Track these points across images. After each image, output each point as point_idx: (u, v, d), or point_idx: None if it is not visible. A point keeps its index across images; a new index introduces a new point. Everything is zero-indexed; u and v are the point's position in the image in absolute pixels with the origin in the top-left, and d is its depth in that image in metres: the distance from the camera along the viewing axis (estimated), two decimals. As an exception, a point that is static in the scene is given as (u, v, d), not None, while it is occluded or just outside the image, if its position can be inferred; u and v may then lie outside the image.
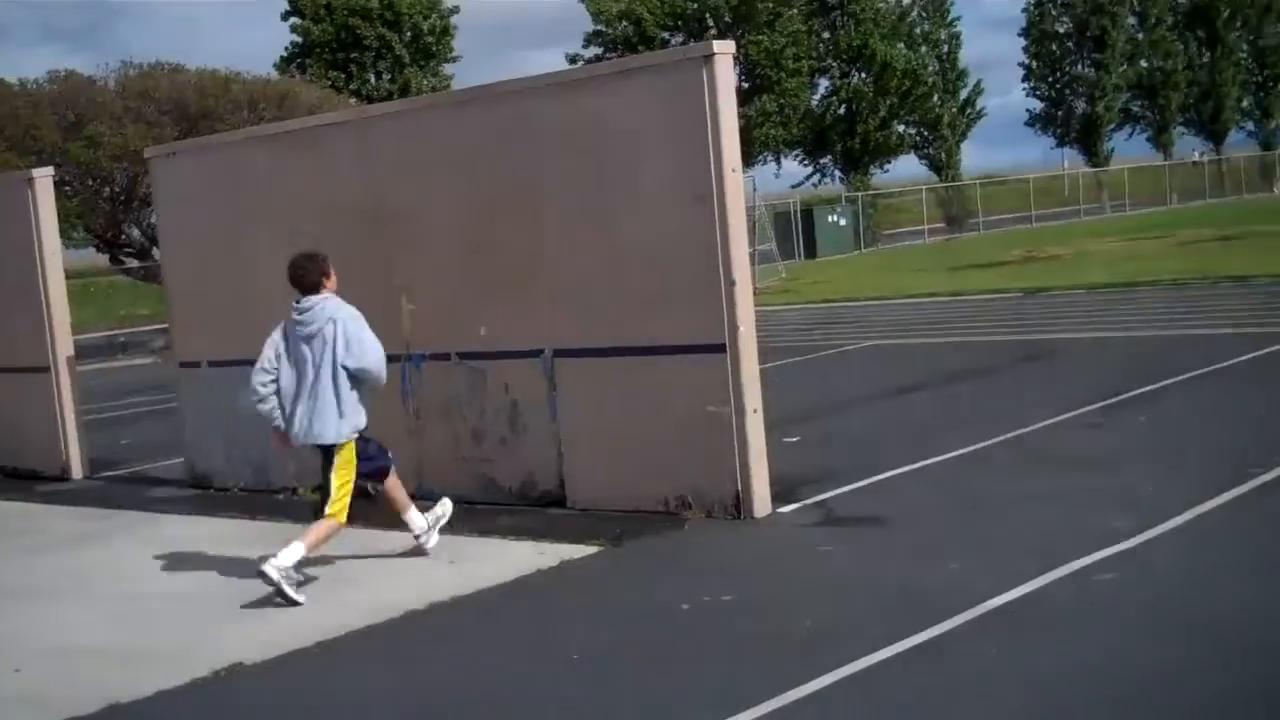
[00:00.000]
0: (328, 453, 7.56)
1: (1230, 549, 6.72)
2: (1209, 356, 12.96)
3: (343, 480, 7.54)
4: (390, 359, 9.76)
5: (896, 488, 8.71)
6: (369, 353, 7.58)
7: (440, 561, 7.91)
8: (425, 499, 9.58)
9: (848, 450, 10.23)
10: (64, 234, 20.63)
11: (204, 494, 11.08)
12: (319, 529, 7.51)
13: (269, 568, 7.20)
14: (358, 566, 8.06)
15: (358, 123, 10.74)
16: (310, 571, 8.02)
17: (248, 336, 10.89)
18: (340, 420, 7.49)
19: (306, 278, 7.70)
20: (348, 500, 7.56)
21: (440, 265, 9.56)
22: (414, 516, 7.99)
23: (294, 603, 7.14)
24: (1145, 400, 11.13)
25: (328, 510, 7.52)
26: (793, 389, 13.44)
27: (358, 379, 7.58)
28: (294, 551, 7.31)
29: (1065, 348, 15.34)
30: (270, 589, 7.20)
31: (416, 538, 7.99)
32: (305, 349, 7.57)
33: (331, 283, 7.75)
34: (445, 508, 8.16)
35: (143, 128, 28.69)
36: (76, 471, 12.49)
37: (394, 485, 7.97)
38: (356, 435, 7.62)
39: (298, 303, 7.68)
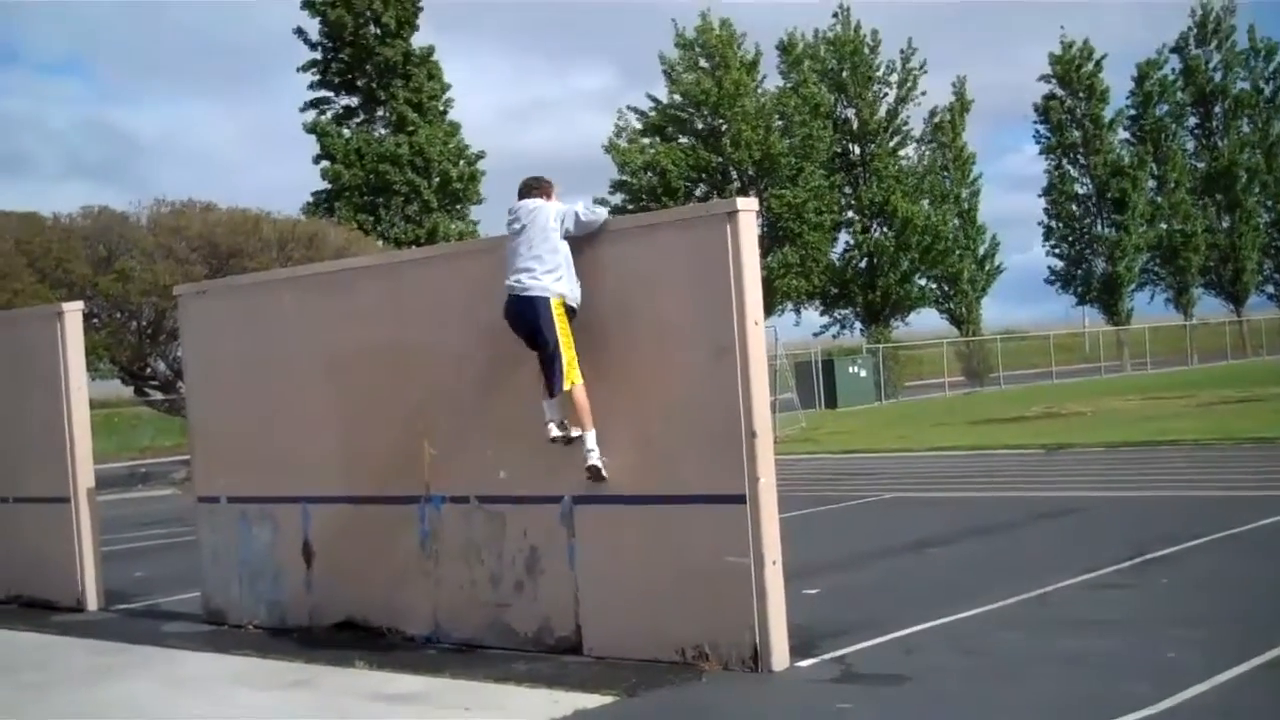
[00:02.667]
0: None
1: (1257, 717, 6.60)
2: (1232, 519, 12.87)
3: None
4: (409, 500, 9.88)
5: (917, 645, 8.61)
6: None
7: (456, 709, 7.83)
8: (441, 643, 9.55)
9: (867, 604, 10.14)
10: (90, 365, 20.83)
11: (219, 630, 11.01)
12: (580, 403, 8.62)
13: (595, 463, 8.61)
14: (374, 709, 7.97)
15: (384, 267, 10.91)
16: (327, 712, 7.98)
17: (268, 473, 11.01)
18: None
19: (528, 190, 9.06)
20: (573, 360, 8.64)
21: (461, 409, 9.61)
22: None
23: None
24: (1168, 562, 11.03)
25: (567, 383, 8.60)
26: (812, 540, 13.36)
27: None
28: (591, 438, 8.62)
29: (1086, 506, 15.26)
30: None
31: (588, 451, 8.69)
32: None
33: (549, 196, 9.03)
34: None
35: (172, 264, 29.13)
36: (92, 603, 12.44)
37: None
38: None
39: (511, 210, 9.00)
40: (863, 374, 47.33)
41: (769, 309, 42.62)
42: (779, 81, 52.49)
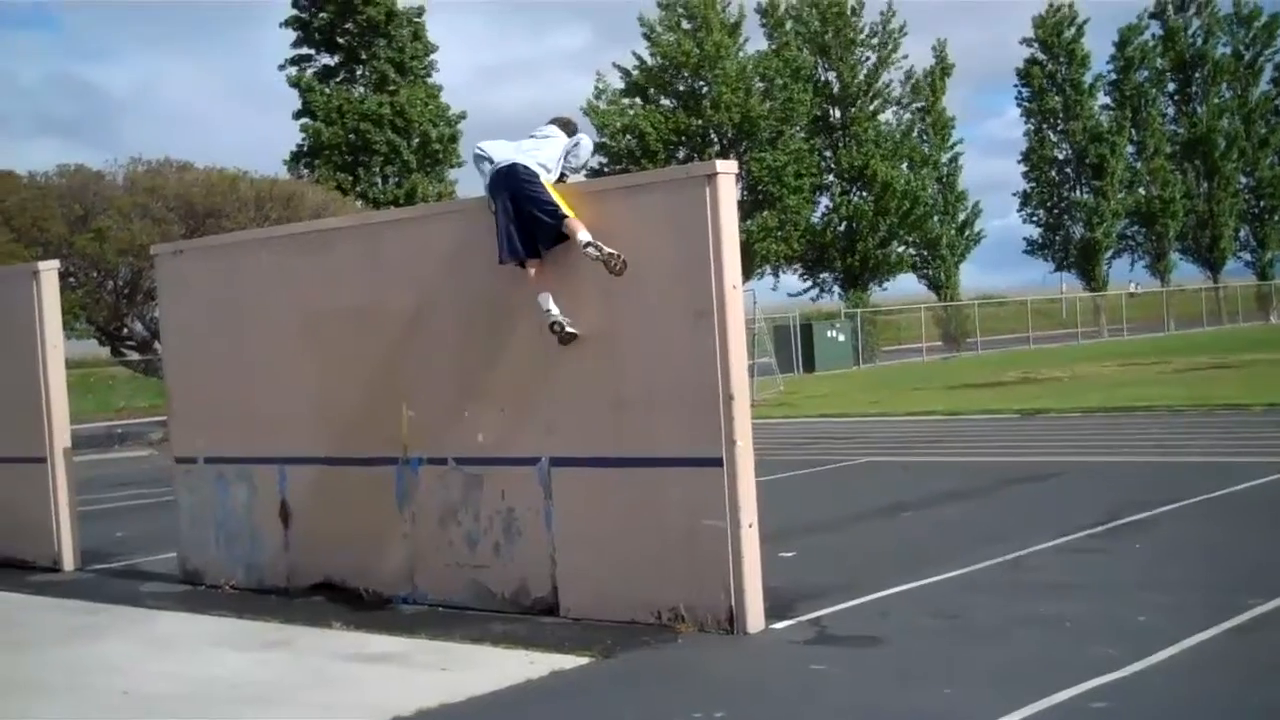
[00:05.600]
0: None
1: (1225, 681, 6.68)
2: (1206, 484, 12.97)
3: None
4: (387, 462, 9.89)
5: (890, 608, 8.68)
6: None
7: (432, 667, 7.87)
8: (418, 604, 9.58)
9: (842, 567, 10.20)
10: (66, 325, 20.74)
11: (195, 590, 11.02)
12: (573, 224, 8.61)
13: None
14: (350, 669, 8.00)
15: (361, 228, 10.88)
16: (303, 672, 7.99)
17: (246, 434, 11.00)
18: None
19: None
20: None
21: (440, 371, 9.61)
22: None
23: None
24: (1141, 527, 11.12)
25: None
26: (788, 503, 13.42)
27: None
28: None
29: (1061, 470, 15.35)
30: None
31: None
32: None
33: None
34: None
35: (149, 224, 28.97)
36: (68, 563, 12.44)
37: None
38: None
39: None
40: (840, 338, 47.42)
41: (748, 272, 42.66)
42: (761, 45, 52.31)
